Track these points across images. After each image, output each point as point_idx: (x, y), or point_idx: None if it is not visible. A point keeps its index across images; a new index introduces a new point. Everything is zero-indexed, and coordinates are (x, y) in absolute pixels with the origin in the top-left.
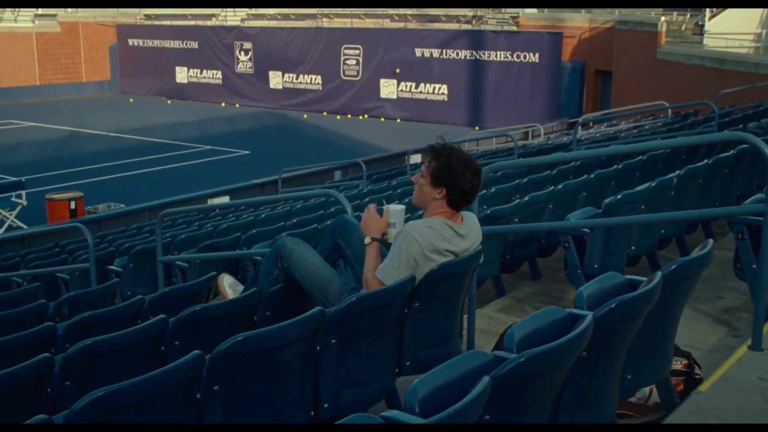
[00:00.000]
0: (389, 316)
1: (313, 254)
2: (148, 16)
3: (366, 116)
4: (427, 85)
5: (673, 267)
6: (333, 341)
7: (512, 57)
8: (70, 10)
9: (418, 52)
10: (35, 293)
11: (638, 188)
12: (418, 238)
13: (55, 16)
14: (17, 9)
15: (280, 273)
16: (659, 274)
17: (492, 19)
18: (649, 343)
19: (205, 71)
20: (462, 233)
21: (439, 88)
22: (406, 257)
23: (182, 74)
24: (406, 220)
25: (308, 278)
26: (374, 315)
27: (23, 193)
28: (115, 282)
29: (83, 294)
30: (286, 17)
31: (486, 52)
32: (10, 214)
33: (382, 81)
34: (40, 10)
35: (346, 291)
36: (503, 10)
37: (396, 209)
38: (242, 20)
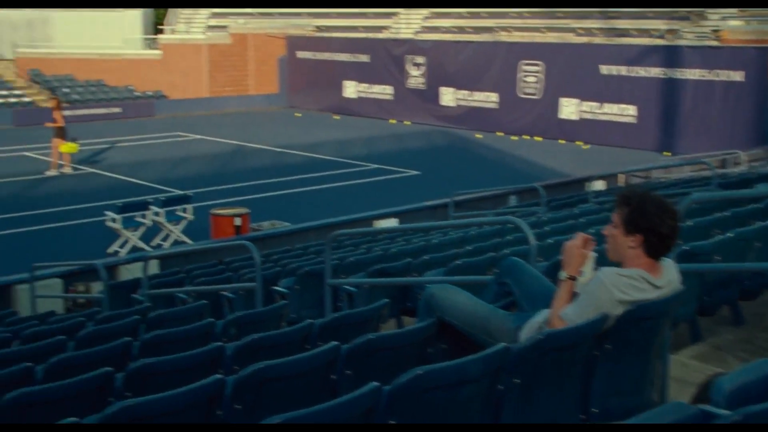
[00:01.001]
0: (577, 357)
1: (465, 296)
2: (318, 28)
3: (543, 138)
4: (613, 105)
5: None
6: (516, 381)
7: (711, 75)
8: (240, 21)
9: (603, 69)
10: (201, 311)
11: None
12: (610, 287)
13: (226, 27)
14: (190, 21)
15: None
16: None
17: (689, 33)
18: None
19: (374, 86)
20: (659, 285)
21: (626, 109)
22: (596, 305)
23: (351, 88)
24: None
25: (465, 320)
26: (562, 355)
27: (189, 207)
28: (284, 304)
29: (251, 315)
30: (461, 30)
31: (681, 70)
32: (176, 229)
33: (563, 100)
34: (213, 21)
35: (509, 321)
36: (702, 22)
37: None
38: (415, 33)
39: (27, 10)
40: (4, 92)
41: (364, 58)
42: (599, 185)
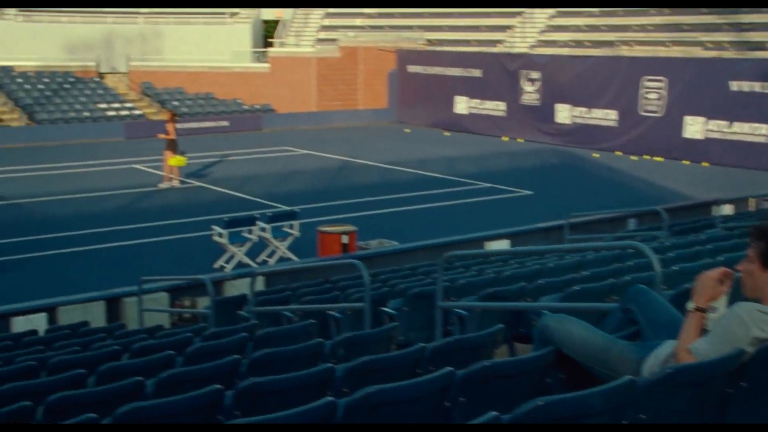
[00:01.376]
0: (709, 395)
1: (582, 326)
2: (430, 41)
3: (665, 158)
4: (744, 124)
5: None
6: (642, 417)
7: None
8: (351, 34)
9: (734, 85)
10: (309, 331)
11: None
12: (748, 322)
13: (335, 41)
14: (300, 34)
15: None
16: None
17: None
18: None
19: (486, 102)
20: None
21: (759, 129)
22: (730, 341)
23: (462, 104)
24: None
25: (582, 352)
26: (692, 391)
27: (296, 223)
28: (394, 326)
29: (360, 336)
30: (579, 44)
31: None
32: (282, 245)
33: (687, 118)
34: (322, 34)
35: (631, 352)
36: None
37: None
38: (531, 47)
39: (141, 23)
40: (116, 105)
41: (476, 72)
42: (727, 209)
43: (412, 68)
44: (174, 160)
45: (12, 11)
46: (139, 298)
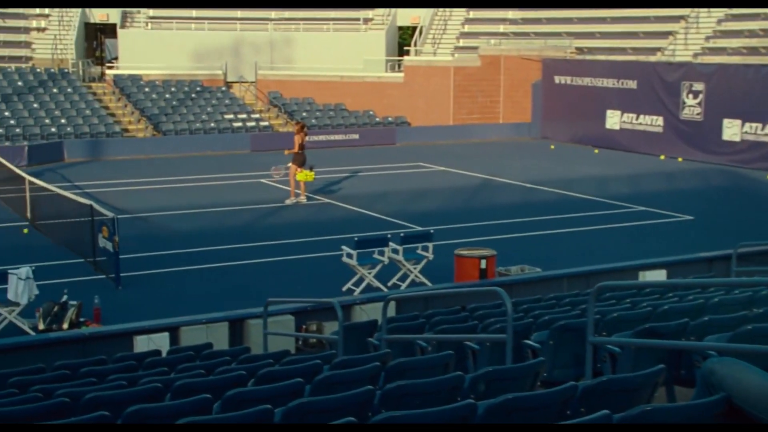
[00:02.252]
0: None
1: (754, 372)
2: (579, 50)
3: None
4: None
5: None
6: None
7: None
8: (492, 41)
9: None
10: (447, 363)
11: None
12: None
13: (475, 48)
14: (437, 43)
15: None
16: None
17: None
18: None
19: (642, 116)
20: None
21: None
22: None
23: (614, 119)
24: None
25: (756, 404)
26: None
27: (430, 245)
28: (540, 362)
29: (503, 371)
30: (753, 51)
31: None
32: (415, 268)
33: None
34: (462, 42)
35: None
36: None
37: None
38: (694, 55)
39: (270, 30)
40: (243, 116)
41: (631, 84)
42: None
43: (559, 79)
44: (301, 175)
45: (142, 19)
46: (264, 320)
